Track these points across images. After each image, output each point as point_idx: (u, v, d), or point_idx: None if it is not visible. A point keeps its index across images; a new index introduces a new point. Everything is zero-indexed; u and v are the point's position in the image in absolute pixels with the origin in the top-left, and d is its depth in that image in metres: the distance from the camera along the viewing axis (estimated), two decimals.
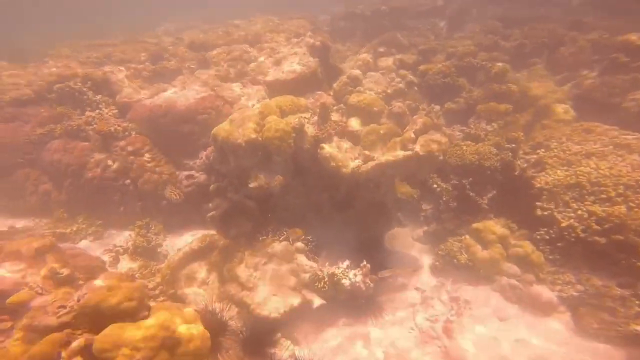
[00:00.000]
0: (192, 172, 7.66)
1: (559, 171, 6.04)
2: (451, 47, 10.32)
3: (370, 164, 5.32)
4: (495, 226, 6.16)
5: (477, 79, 9.05)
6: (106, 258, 6.67)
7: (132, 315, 3.26)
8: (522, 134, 6.94)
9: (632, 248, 4.97)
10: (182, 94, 8.31)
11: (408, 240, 6.83)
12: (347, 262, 5.39)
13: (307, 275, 5.42)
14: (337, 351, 4.90)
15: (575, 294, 5.21)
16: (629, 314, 4.81)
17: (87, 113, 8.59)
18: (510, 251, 5.95)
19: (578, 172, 5.82)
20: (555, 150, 6.51)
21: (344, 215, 6.11)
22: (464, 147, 6.65)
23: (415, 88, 8.72)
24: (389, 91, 8.11)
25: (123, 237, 7.35)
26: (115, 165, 7.75)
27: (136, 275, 5.96)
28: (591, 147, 6.23)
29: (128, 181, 7.63)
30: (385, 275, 5.33)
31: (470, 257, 6.02)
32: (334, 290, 5.14)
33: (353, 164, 5.47)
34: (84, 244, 7.31)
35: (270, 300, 5.05)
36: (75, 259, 6.18)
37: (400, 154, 5.13)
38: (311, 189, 6.28)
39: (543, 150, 6.67)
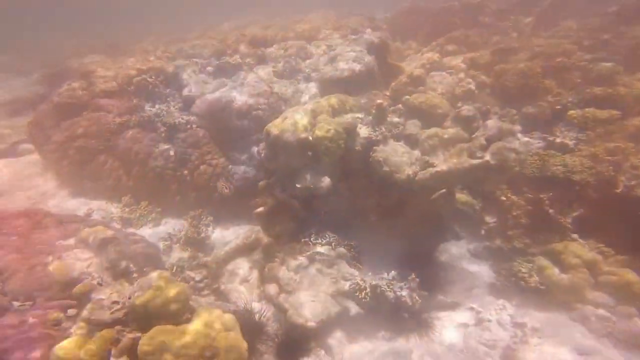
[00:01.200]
0: (243, 167, 7.51)
1: None
2: (538, 46, 8.84)
3: (430, 171, 4.66)
4: (581, 249, 5.21)
5: (569, 82, 7.61)
6: (161, 245, 6.80)
7: (176, 317, 3.29)
8: (632, 144, 5.60)
9: None
10: (240, 89, 8.20)
11: (464, 255, 5.96)
12: (393, 273, 4.88)
13: (347, 283, 4.97)
14: None
15: None
16: None
17: (157, 106, 8.91)
18: (601, 278, 5.02)
19: None
20: None
21: (392, 223, 5.50)
22: (546, 157, 5.51)
23: (488, 90, 7.57)
24: (456, 92, 7.12)
25: (178, 226, 7.46)
26: (175, 156, 7.89)
27: (185, 267, 5.92)
28: None
29: (185, 172, 7.71)
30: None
31: (544, 281, 5.16)
32: (376, 302, 4.66)
33: (409, 170, 4.78)
34: (144, 230, 7.52)
35: (308, 306, 4.67)
36: (136, 245, 6.35)
37: (466, 162, 4.35)
38: (358, 193, 5.71)
39: None
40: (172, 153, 8.07)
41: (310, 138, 5.43)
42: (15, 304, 4.60)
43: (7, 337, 3.39)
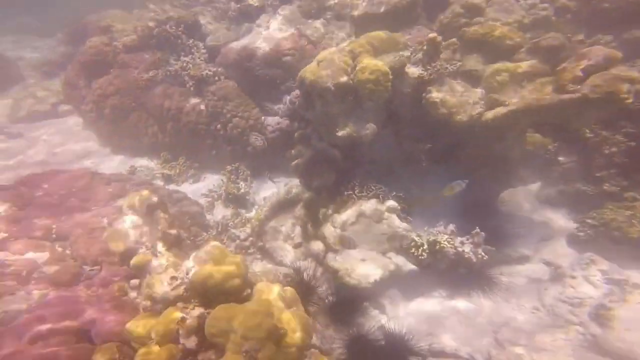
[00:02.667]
0: (277, 118, 6.78)
1: None
2: None
3: (500, 110, 3.69)
4: None
5: None
6: (203, 202, 6.26)
7: (237, 292, 2.78)
8: None
9: None
10: (265, 34, 7.09)
11: (533, 203, 4.94)
12: (451, 227, 4.10)
13: (399, 239, 4.26)
14: (432, 325, 3.84)
15: None
16: None
17: (182, 58, 8.07)
18: None
19: None
20: None
21: (445, 170, 4.71)
22: None
23: (569, 16, 6.00)
24: (525, 21, 5.65)
25: (217, 181, 7.09)
26: (206, 110, 7.26)
27: (229, 225, 5.61)
28: None
29: (219, 126, 7.06)
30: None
31: None
32: (433, 259, 3.99)
33: (472, 110, 3.91)
34: (185, 187, 6.96)
35: (359, 266, 4.06)
36: (180, 203, 6.02)
37: (553, 97, 3.37)
38: (404, 139, 4.93)
39: None
40: (202, 107, 7.37)
41: (351, 82, 4.60)
42: (86, 268, 4.23)
43: (84, 302, 3.22)
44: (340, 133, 4.60)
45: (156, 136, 8.08)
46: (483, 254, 3.89)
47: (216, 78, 7.21)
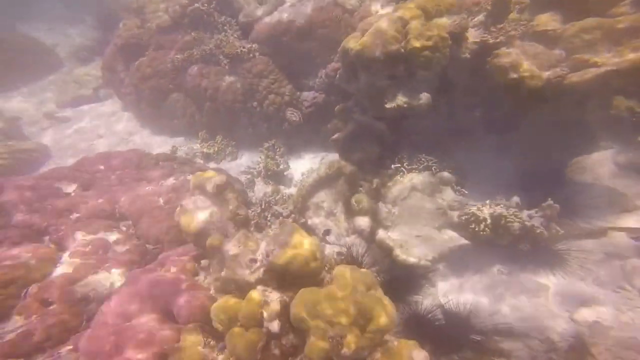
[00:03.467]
0: (312, 93, 6.43)
1: None
2: None
3: (591, 71, 3.11)
4: None
5: None
6: (243, 179, 6.03)
7: (316, 275, 2.61)
8: None
9: None
10: (299, 7, 6.65)
11: (611, 170, 4.24)
12: (516, 199, 3.63)
13: (455, 213, 3.86)
14: (495, 303, 3.44)
15: None
16: None
17: (216, 36, 7.76)
18: None
19: None
20: None
21: (500, 140, 4.27)
22: None
23: None
24: None
25: (253, 158, 6.94)
26: (242, 88, 7.01)
27: (271, 202, 5.46)
28: None
29: (255, 103, 6.82)
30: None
31: None
32: (494, 234, 3.53)
33: (552, 74, 3.33)
34: (223, 164, 6.76)
35: (415, 242, 3.71)
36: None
37: None
38: (457, 109, 4.49)
39: None
40: (238, 85, 7.14)
41: (403, 50, 4.16)
42: (149, 247, 4.22)
43: (159, 281, 3.16)
44: (389, 105, 4.20)
45: (193, 116, 7.94)
46: (558, 228, 3.38)
47: (251, 55, 6.87)
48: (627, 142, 4.00)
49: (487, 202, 3.68)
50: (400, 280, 3.59)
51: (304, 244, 2.57)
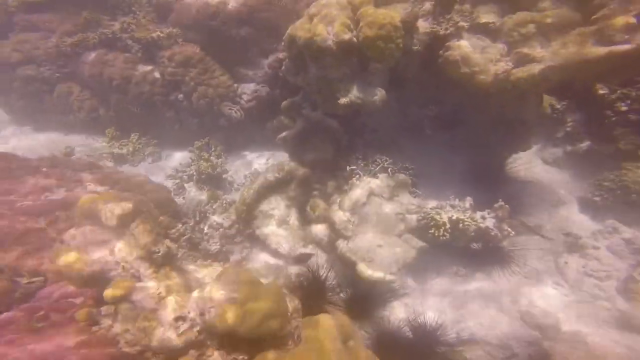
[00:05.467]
0: (253, 85, 5.67)
1: None
2: None
3: (534, 67, 3.13)
4: None
5: None
6: (169, 184, 5.05)
7: (277, 337, 1.99)
8: None
9: None
10: None
11: (537, 164, 4.48)
12: (469, 200, 3.59)
13: (414, 217, 3.71)
14: (456, 309, 3.40)
15: None
16: None
17: (121, 18, 6.32)
18: None
19: None
20: None
21: (451, 137, 4.22)
22: None
23: None
24: None
25: (181, 159, 5.84)
26: (163, 78, 5.81)
27: (208, 210, 4.55)
28: None
29: (181, 96, 5.71)
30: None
31: None
32: (452, 237, 3.47)
33: (496, 68, 3.32)
34: (143, 167, 5.63)
35: (378, 254, 3.43)
36: (142, 188, 4.72)
37: (602, 50, 2.89)
38: (408, 105, 4.37)
39: None
40: (157, 75, 5.91)
41: (356, 39, 3.81)
42: (21, 280, 3.23)
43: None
44: (343, 100, 3.83)
45: (96, 111, 6.39)
46: (509, 229, 3.43)
47: (172, 41, 5.77)
48: (549, 137, 4.46)
49: (444, 204, 3.62)
50: (366, 295, 3.27)
51: (260, 295, 1.92)
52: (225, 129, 5.65)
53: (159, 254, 2.43)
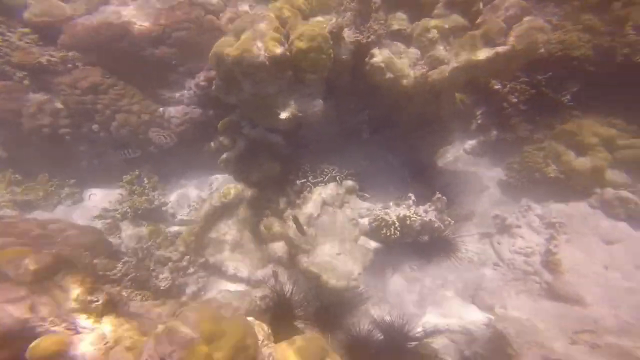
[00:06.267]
0: (181, 107, 5.23)
1: None
2: None
3: (445, 69, 3.47)
4: (597, 125, 4.13)
5: None
6: (99, 225, 4.44)
7: None
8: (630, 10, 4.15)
9: None
10: (138, 4, 5.27)
11: (461, 156, 4.88)
12: (412, 196, 3.81)
13: (365, 220, 3.84)
14: (417, 303, 3.60)
15: None
16: None
17: None
18: (618, 154, 4.06)
19: None
20: None
21: (386, 138, 4.45)
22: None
23: None
24: None
25: (108, 196, 5.10)
26: (67, 108, 4.99)
27: (151, 246, 4.06)
28: None
29: (96, 126, 4.98)
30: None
31: (563, 168, 4.10)
32: (402, 234, 3.65)
33: (414, 72, 3.62)
34: (61, 210, 4.89)
35: (338, 263, 3.46)
36: (64, 234, 3.98)
37: (487, 52, 3.31)
38: (343, 112, 4.50)
39: None
40: (59, 105, 5.06)
41: (289, 53, 3.77)
42: None
43: None
44: (283, 115, 3.78)
45: None
46: (449, 219, 3.74)
47: (69, 65, 5.00)
48: (466, 130, 5.04)
49: (391, 204, 3.83)
50: (334, 305, 3.33)
51: (225, 330, 1.77)
52: (157, 157, 5.13)
53: (99, 303, 2.09)
